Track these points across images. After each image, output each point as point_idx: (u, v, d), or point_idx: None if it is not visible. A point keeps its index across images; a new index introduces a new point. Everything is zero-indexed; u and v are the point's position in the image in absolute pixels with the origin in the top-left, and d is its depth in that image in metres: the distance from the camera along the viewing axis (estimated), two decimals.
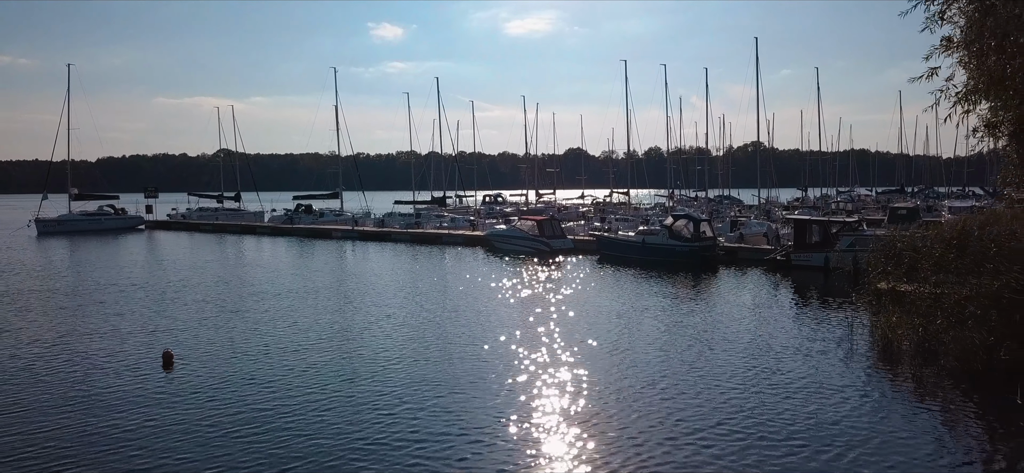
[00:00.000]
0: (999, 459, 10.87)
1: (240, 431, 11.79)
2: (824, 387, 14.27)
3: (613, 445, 11.08)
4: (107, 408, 13.13)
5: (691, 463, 10.31)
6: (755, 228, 41.89)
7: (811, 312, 23.45)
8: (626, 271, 33.87)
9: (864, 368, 15.99)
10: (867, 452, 10.68)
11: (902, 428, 11.82)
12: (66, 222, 64.84)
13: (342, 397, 13.79)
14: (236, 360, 16.84)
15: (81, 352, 17.63)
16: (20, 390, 14.37)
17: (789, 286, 29.19)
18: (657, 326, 21.03)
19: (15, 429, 12.07)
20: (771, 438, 11.25)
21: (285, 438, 11.44)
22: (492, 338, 19.12)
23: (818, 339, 18.97)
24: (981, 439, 11.66)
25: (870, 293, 18.61)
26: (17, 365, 16.42)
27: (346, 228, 59.28)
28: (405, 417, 12.51)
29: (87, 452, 10.90)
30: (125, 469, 10.29)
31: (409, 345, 18.36)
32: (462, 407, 13.06)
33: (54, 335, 19.66)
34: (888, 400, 13.49)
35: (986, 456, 10.95)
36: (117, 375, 15.48)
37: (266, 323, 21.44)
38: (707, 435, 11.37)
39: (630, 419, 12.33)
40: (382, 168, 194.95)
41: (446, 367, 16.12)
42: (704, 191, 76.18)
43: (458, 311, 23.65)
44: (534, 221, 45.49)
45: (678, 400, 13.48)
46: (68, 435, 11.71)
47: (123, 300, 25.89)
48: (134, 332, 20.02)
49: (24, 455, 10.88)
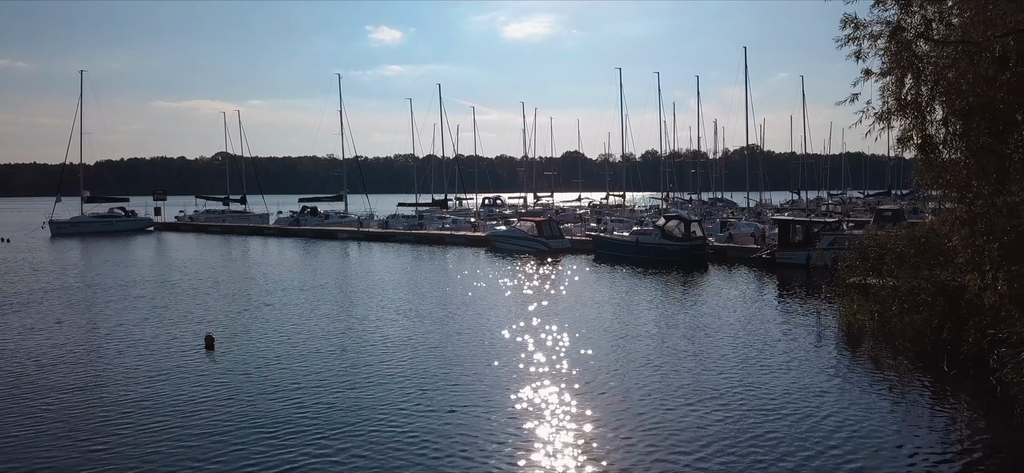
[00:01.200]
0: (924, 415, 12.98)
1: (274, 400, 13.79)
2: (796, 365, 16.36)
3: (612, 415, 13.09)
4: (162, 381, 15.15)
5: (682, 426, 12.31)
6: (743, 228, 43.98)
7: (790, 304, 25.52)
8: (621, 269, 35.88)
9: (830, 349, 18.14)
10: (827, 413, 12.75)
11: (858, 398, 13.88)
12: (79, 224, 66.72)
13: (362, 373, 15.85)
14: (269, 343, 18.88)
15: (136, 337, 19.72)
16: (91, 368, 16.39)
17: (773, 282, 31.23)
18: (649, 317, 23.07)
19: (94, 397, 14.08)
20: (750, 405, 13.27)
21: (313, 407, 13.42)
22: (497, 326, 21.16)
23: (794, 326, 21.09)
24: (916, 402, 13.79)
25: (839, 285, 20.70)
26: (85, 348, 18.49)
27: (352, 229, 61.24)
28: (415, 395, 14.55)
29: (150, 417, 12.87)
30: (180, 428, 12.25)
31: (420, 335, 20.37)
32: (467, 386, 15.11)
33: (109, 324, 21.70)
34: (847, 374, 15.61)
35: (915, 413, 13.07)
36: (168, 355, 17.50)
37: (292, 313, 23.47)
38: (696, 407, 13.30)
39: (626, 394, 14.35)
40: (380, 170, 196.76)
41: (454, 350, 18.18)
42: (698, 194, 78.40)
43: (463, 304, 25.66)
44: (533, 222, 47.57)
45: (669, 377, 15.54)
46: (133, 403, 13.71)
47: (161, 295, 27.93)
48: (177, 321, 22.10)
49: (101, 417, 12.89)
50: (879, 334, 18.14)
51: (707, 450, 10.99)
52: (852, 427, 12.01)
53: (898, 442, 11.35)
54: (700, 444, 11.24)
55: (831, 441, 11.32)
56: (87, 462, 10.74)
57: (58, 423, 12.53)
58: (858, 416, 12.60)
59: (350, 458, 10.84)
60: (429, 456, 10.88)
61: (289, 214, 70.95)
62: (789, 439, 11.41)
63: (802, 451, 10.90)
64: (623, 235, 43.40)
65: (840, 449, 10.98)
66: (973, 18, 9.96)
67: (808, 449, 10.98)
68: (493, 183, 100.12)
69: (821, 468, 10.30)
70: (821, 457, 10.67)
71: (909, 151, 11.17)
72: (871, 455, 10.75)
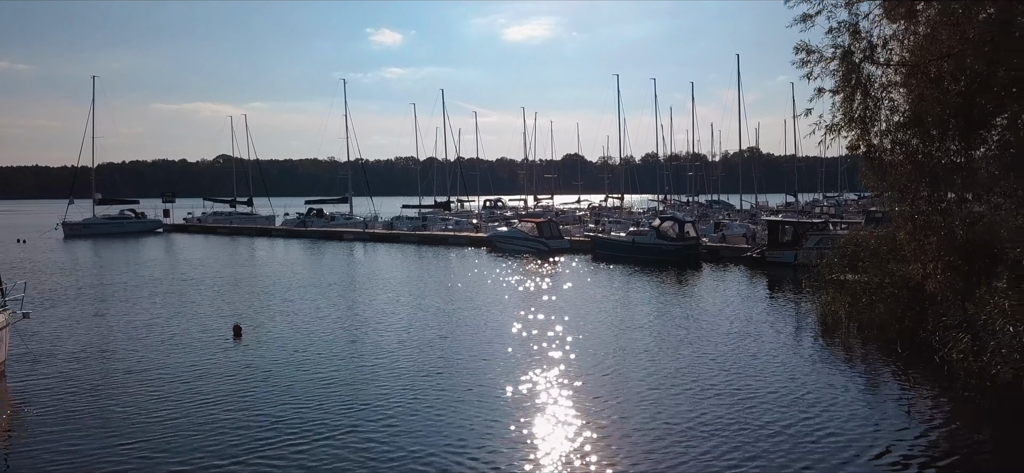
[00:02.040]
0: (881, 392, 14.67)
1: (294, 382, 15.43)
2: (775, 351, 18.06)
3: (608, 400, 14.75)
4: (199, 365, 16.86)
5: (675, 406, 13.97)
6: (736, 229, 45.70)
7: (775, 299, 27.21)
8: (618, 268, 37.56)
9: (807, 337, 19.82)
10: (800, 392, 14.43)
11: (827, 378, 15.56)
12: (91, 225, 68.43)
13: (375, 358, 17.56)
14: (290, 332, 20.61)
15: (172, 328, 21.49)
16: (136, 354, 18.09)
17: (762, 279, 32.90)
18: (644, 310, 24.77)
19: (142, 378, 15.78)
20: (735, 385, 14.92)
21: (331, 386, 15.12)
22: (500, 319, 22.88)
23: (777, 318, 22.79)
24: (874, 380, 15.51)
25: (819, 281, 22.39)
26: (128, 337, 20.23)
27: (357, 230, 62.95)
28: (422, 378, 16.26)
29: (190, 394, 14.59)
30: (212, 403, 13.94)
31: (429, 326, 22.07)
32: (473, 370, 16.80)
33: (145, 318, 23.40)
34: (819, 358, 17.31)
35: (873, 389, 14.78)
36: (201, 343, 19.21)
37: (309, 307, 25.19)
38: (685, 390, 14.89)
39: (622, 381, 16.03)
40: (380, 172, 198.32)
41: (460, 339, 19.89)
42: (695, 196, 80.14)
43: (468, 299, 27.35)
44: (534, 223, 49.29)
45: (662, 362, 17.23)
46: (176, 382, 15.43)
47: (187, 291, 29.68)
48: (206, 314, 23.86)
49: (150, 394, 14.60)
50: (851, 324, 19.82)
51: (697, 424, 12.67)
52: (823, 403, 13.62)
53: (856, 413, 13.01)
54: (689, 420, 12.90)
55: (804, 414, 12.95)
56: (143, 430, 12.42)
57: (116, 400, 14.21)
58: (827, 394, 14.24)
59: (363, 428, 12.53)
60: (433, 431, 12.56)
61: (296, 216, 72.69)
62: (767, 412, 13.06)
63: (780, 422, 12.53)
64: (620, 235, 45.11)
65: (811, 421, 12.58)
66: (912, 44, 11.60)
67: (785, 420, 12.63)
68: (494, 185, 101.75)
69: (795, 435, 11.93)
70: (795, 426, 12.30)
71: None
72: (836, 424, 12.41)
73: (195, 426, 12.50)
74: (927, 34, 11.32)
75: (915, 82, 11.15)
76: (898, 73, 11.35)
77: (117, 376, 15.91)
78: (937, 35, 11.48)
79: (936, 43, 11.49)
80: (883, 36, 11.76)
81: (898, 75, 11.38)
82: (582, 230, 54.22)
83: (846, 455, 11.02)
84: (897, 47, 11.94)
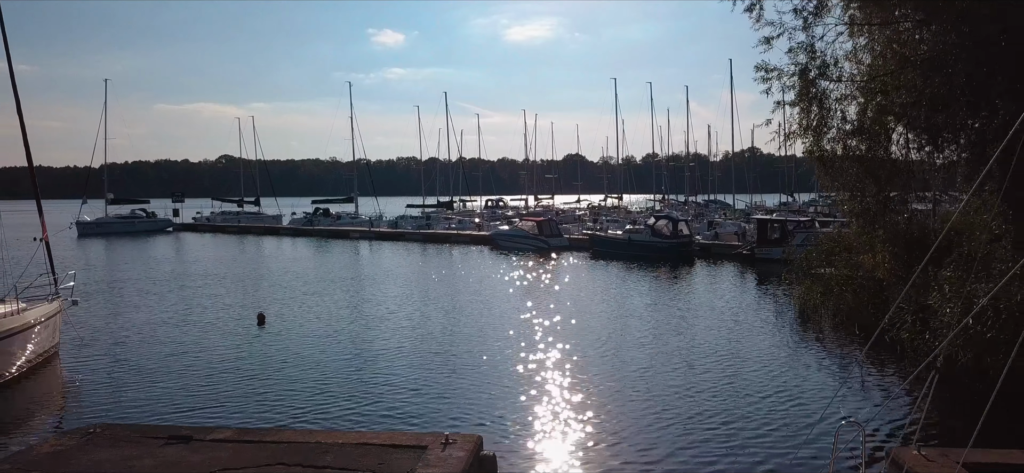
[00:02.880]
0: (840, 367, 16.48)
1: (313, 364, 17.24)
2: (755, 335, 19.91)
3: (603, 373, 16.60)
4: (228, 346, 18.76)
5: (666, 384, 15.81)
6: (728, 227, 47.52)
7: (760, 291, 29.05)
8: (614, 264, 39.39)
9: (784, 324, 21.70)
10: (773, 365, 16.29)
11: (798, 357, 17.42)
12: (103, 224, 70.32)
13: (384, 341, 19.38)
14: (307, 320, 22.50)
15: (204, 316, 23.59)
16: (177, 337, 19.97)
17: (750, 274, 34.73)
18: (638, 301, 26.59)
19: (184, 357, 17.65)
20: (717, 364, 16.76)
21: (344, 369, 16.96)
22: (502, 309, 24.72)
23: (760, 307, 24.67)
24: (838, 358, 17.33)
25: (798, 274, 24.19)
26: (168, 324, 22.15)
27: (363, 229, 64.79)
28: (428, 359, 18.10)
29: (223, 371, 16.45)
30: (246, 377, 15.79)
31: (434, 316, 23.91)
32: (476, 352, 18.64)
33: (177, 308, 25.35)
34: (793, 341, 19.18)
35: (833, 365, 16.59)
36: (229, 329, 21.09)
37: (323, 299, 27.06)
38: (674, 369, 16.78)
39: (617, 363, 17.87)
40: (383, 173, 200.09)
41: (465, 326, 21.72)
42: (694, 196, 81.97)
43: (472, 292, 29.20)
44: (534, 222, 51.14)
45: (652, 346, 19.05)
46: (209, 362, 17.29)
47: (211, 285, 31.65)
48: (231, 305, 25.80)
49: (190, 369, 16.45)
50: (824, 312, 21.64)
51: (683, 395, 14.51)
52: (793, 377, 15.48)
53: (822, 385, 14.86)
54: (677, 392, 14.74)
55: (776, 386, 14.79)
56: (190, 395, 14.28)
57: (160, 374, 16.08)
58: (798, 371, 16.11)
59: (377, 395, 14.38)
60: (440, 397, 14.39)
61: (303, 215, 74.60)
62: (745, 386, 14.89)
63: (757, 393, 14.35)
64: (617, 234, 46.95)
65: (782, 392, 14.40)
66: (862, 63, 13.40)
67: (761, 392, 14.44)
68: (496, 186, 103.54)
69: (768, 402, 13.73)
70: (770, 397, 14.11)
71: None
72: (802, 393, 14.24)
73: (232, 396, 14.35)
74: (874, 55, 13.10)
75: (863, 96, 12.93)
76: (848, 87, 13.14)
77: (159, 356, 17.76)
78: (886, 52, 13.28)
79: (884, 60, 13.27)
80: (835, 56, 13.57)
81: (848, 89, 13.18)
82: (581, 229, 56.02)
83: (809, 420, 12.80)
84: (848, 65, 13.75)
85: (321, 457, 9.32)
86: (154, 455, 9.42)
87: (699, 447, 11.45)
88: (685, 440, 11.77)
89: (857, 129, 13.18)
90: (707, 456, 11.08)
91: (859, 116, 13.02)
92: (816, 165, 14.70)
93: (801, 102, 13.73)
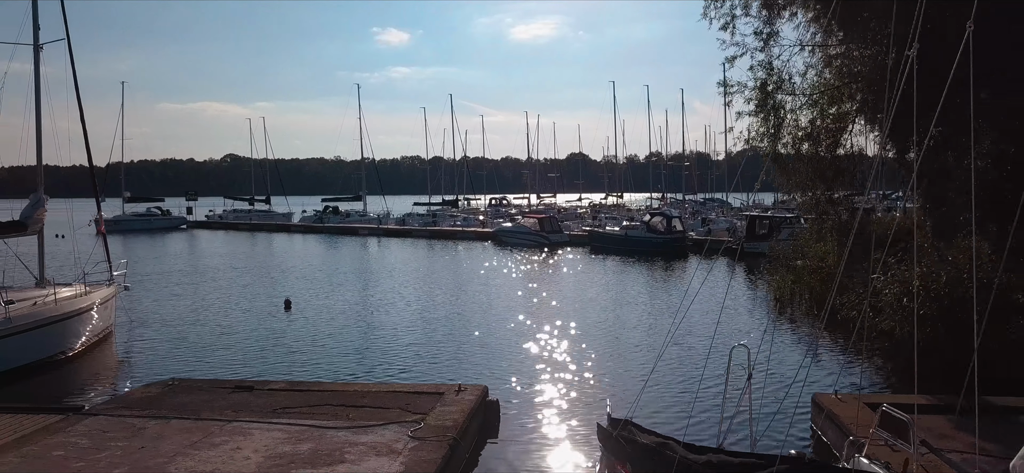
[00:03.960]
0: (801, 342, 18.81)
1: (339, 338, 19.67)
2: (733, 318, 22.23)
3: (596, 347, 18.96)
4: (259, 328, 21.13)
5: (648, 354, 18.17)
6: (720, 223, 49.85)
7: (745, 281, 31.38)
8: (612, 258, 41.76)
9: (761, 309, 24.04)
10: (748, 339, 18.54)
11: (770, 334, 19.71)
12: (121, 222, 72.82)
13: (399, 321, 21.77)
14: (328, 305, 24.88)
15: (238, 302, 26.04)
16: (215, 320, 22.37)
17: (738, 267, 37.01)
18: (632, 290, 28.93)
19: (220, 339, 20.06)
20: (701, 340, 19.08)
21: (366, 343, 19.35)
22: (506, 297, 27.09)
23: (741, 295, 26.97)
24: (800, 335, 19.64)
25: (775, 265, 26.53)
26: (203, 307, 24.61)
27: (372, 226, 67.24)
28: (439, 338, 20.50)
29: (256, 349, 18.83)
30: (278, 353, 18.18)
31: (443, 302, 26.29)
32: (482, 332, 21.03)
33: (211, 296, 27.77)
34: (766, 324, 21.45)
35: (798, 340, 18.92)
36: (259, 313, 23.51)
37: (340, 288, 29.47)
38: (659, 342, 19.20)
39: (610, 337, 20.24)
40: (387, 172, 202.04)
41: (473, 312, 24.11)
42: (694, 194, 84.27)
43: (478, 283, 31.58)
44: (536, 218, 53.55)
45: (645, 328, 21.39)
46: (244, 340, 19.68)
47: (236, 277, 34.18)
48: (259, 293, 28.22)
49: (229, 345, 18.85)
50: (794, 298, 23.98)
51: (666, 366, 16.87)
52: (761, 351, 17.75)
53: (784, 359, 17.18)
54: (662, 361, 17.10)
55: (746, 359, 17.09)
56: (237, 364, 16.67)
57: (203, 350, 18.49)
58: (764, 342, 18.40)
59: (394, 364, 16.76)
60: (449, 366, 16.76)
61: (313, 213, 77.14)
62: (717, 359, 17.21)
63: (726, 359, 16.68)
64: (614, 230, 49.31)
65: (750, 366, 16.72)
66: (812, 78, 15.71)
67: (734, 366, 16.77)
68: (499, 184, 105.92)
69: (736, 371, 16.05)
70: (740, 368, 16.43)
71: None
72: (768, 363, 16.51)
73: (275, 365, 16.74)
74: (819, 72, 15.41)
75: (809, 107, 15.21)
76: (800, 100, 15.40)
77: (204, 334, 20.19)
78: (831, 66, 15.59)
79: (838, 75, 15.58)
80: (789, 72, 15.81)
81: (800, 101, 15.44)
82: (581, 226, 58.37)
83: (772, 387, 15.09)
84: (799, 80, 16.00)
85: (359, 400, 11.70)
86: (226, 399, 11.82)
87: (672, 400, 13.81)
88: (665, 396, 14.13)
89: (808, 135, 15.45)
90: (676, 407, 13.44)
91: (809, 123, 15.28)
92: (774, 167, 17.02)
93: (760, 112, 16.02)
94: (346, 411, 11.15)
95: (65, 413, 11.15)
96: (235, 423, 10.45)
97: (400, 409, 11.17)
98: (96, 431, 10.14)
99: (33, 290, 18.48)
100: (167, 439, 9.76)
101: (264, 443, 9.59)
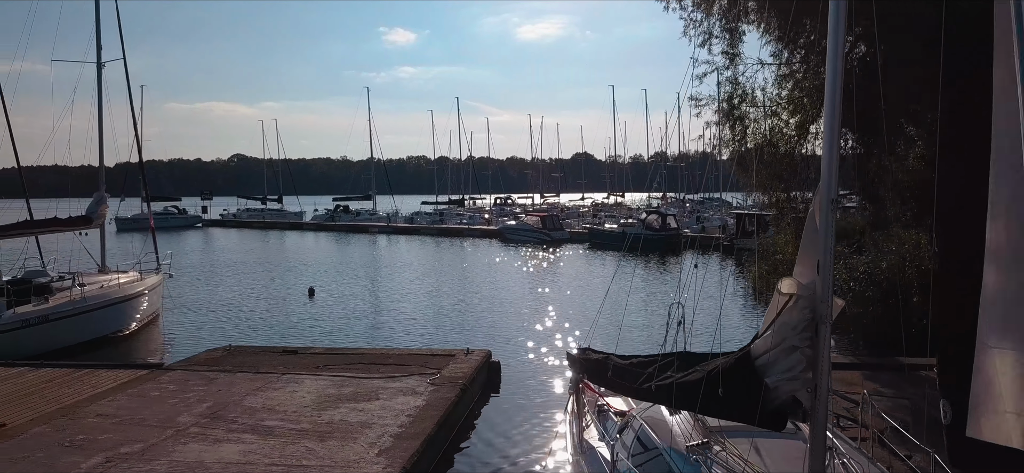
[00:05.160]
0: None
1: (360, 319, 22.28)
2: (712, 305, 24.70)
3: (586, 323, 21.51)
4: (288, 313, 23.79)
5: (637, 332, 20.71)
6: (714, 222, 52.35)
7: (726, 274, 33.89)
8: (609, 254, 44.30)
9: (739, 298, 26.56)
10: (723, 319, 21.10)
11: (749, 321, 22.25)
12: (139, 220, 75.46)
13: (411, 305, 24.37)
14: (349, 293, 27.53)
15: (267, 290, 28.70)
16: (247, 306, 25.00)
17: (727, 261, 39.52)
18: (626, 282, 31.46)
19: (256, 322, 22.68)
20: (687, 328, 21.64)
21: (384, 320, 21.95)
22: (507, 286, 29.67)
23: (727, 286, 29.49)
24: None
25: (757, 258, 29.05)
26: (236, 295, 27.21)
27: (381, 224, 69.91)
28: (449, 316, 23.11)
29: (289, 328, 21.47)
30: (310, 331, 20.76)
31: (451, 290, 28.90)
32: (486, 311, 23.63)
33: (242, 286, 30.48)
34: (744, 311, 24.00)
35: None
36: (288, 300, 26.15)
37: (357, 278, 32.13)
38: (647, 323, 21.72)
39: (601, 318, 22.80)
40: (393, 171, 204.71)
41: (478, 297, 26.71)
42: (693, 193, 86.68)
43: (484, 275, 34.17)
44: (538, 216, 56.18)
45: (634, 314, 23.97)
46: (277, 321, 22.33)
47: (260, 269, 36.87)
48: (283, 284, 30.86)
49: (264, 326, 21.47)
50: (770, 289, 26.47)
51: (653, 343, 19.42)
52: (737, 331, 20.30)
53: (745, 331, 19.69)
54: (648, 342, 19.65)
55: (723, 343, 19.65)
56: (275, 339, 19.27)
57: (252, 327, 21.11)
58: (741, 326, 20.97)
59: (411, 336, 19.34)
60: (458, 336, 19.32)
61: (325, 211, 79.94)
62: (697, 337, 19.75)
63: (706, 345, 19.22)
64: (613, 227, 51.86)
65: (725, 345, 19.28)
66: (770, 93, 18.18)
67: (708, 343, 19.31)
68: (504, 184, 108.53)
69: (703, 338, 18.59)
70: None
71: None
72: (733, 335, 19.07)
73: (308, 340, 19.33)
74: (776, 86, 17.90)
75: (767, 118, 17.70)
76: (760, 112, 17.88)
77: (240, 317, 22.82)
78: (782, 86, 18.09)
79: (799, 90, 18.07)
80: (752, 87, 18.27)
81: (760, 113, 17.92)
82: (582, 223, 60.93)
83: None
84: (760, 94, 18.47)
85: (386, 359, 14.28)
86: (277, 359, 14.41)
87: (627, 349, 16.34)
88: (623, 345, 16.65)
89: (767, 141, 17.90)
90: None
91: (768, 132, 17.75)
92: (736, 168, 19.48)
93: (726, 122, 18.49)
94: (376, 368, 13.71)
95: (149, 368, 13.78)
96: (288, 375, 13.02)
97: (420, 366, 13.73)
98: (179, 380, 12.73)
99: (97, 275, 21.11)
100: (237, 385, 12.34)
101: (315, 387, 12.17)
